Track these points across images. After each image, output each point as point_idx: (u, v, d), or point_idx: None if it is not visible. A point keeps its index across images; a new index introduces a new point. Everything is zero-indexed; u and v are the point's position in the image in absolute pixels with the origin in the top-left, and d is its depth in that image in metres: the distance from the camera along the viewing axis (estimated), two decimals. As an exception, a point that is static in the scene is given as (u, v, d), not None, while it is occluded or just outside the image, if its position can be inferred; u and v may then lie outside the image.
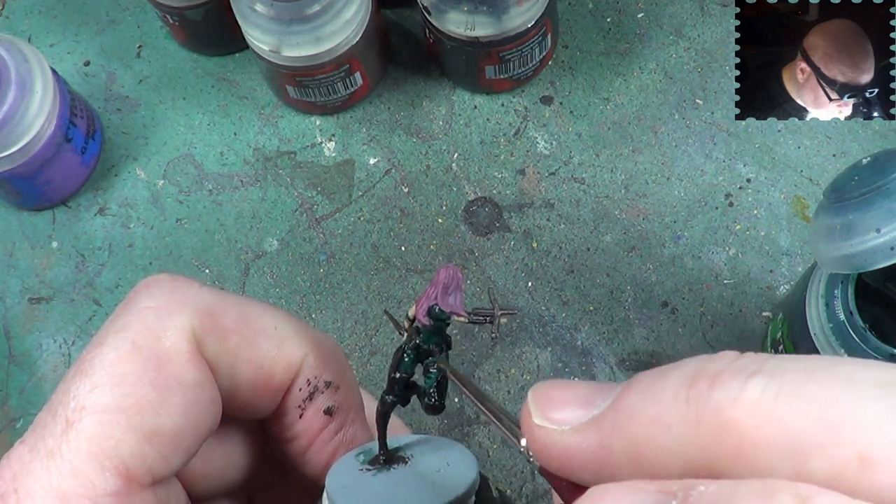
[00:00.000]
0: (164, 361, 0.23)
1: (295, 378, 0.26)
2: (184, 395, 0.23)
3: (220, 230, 0.50)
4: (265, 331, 0.25)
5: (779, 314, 0.40)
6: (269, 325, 0.25)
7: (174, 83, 0.54)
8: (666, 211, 0.48)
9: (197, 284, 0.25)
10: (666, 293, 0.46)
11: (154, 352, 0.23)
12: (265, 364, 0.25)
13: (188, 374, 0.23)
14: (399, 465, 0.25)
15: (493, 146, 0.50)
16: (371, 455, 0.26)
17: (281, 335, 0.25)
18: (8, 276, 0.50)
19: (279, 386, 0.25)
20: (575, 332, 0.46)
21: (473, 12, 0.45)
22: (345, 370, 0.27)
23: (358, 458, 0.25)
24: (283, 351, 0.25)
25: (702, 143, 0.49)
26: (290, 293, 0.48)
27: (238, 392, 0.25)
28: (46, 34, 0.56)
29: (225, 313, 0.24)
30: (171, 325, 0.23)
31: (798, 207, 0.47)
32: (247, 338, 0.24)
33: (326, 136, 0.52)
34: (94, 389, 0.23)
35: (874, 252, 0.30)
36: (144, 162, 0.52)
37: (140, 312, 0.24)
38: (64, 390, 0.23)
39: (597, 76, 0.51)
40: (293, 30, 0.45)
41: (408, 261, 0.48)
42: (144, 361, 0.23)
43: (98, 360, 0.23)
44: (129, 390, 0.23)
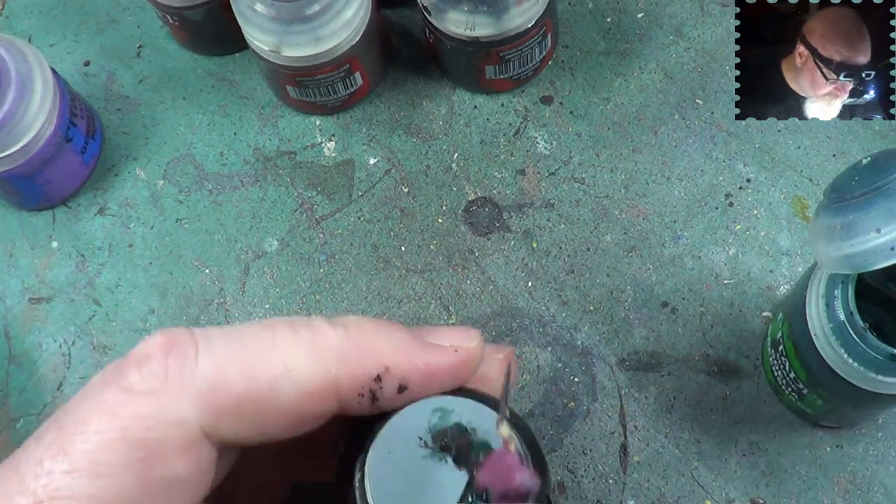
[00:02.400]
0: (153, 454, 0.21)
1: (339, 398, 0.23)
2: (169, 491, 0.21)
3: (220, 230, 0.50)
4: (280, 378, 0.22)
5: (779, 314, 0.40)
6: (279, 365, 0.22)
7: (174, 83, 0.54)
8: (666, 211, 0.48)
9: (194, 353, 0.22)
10: (666, 293, 0.46)
11: (143, 443, 0.21)
12: (293, 413, 0.22)
13: (178, 468, 0.21)
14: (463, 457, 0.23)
15: (493, 146, 0.50)
16: (444, 423, 0.23)
17: (298, 373, 0.22)
18: (8, 276, 0.50)
19: (320, 417, 0.23)
20: (575, 332, 0.46)
21: (473, 12, 0.45)
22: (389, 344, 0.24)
23: (430, 420, 0.23)
24: (308, 390, 0.22)
25: (702, 143, 0.49)
26: (290, 293, 0.48)
27: (276, 436, 0.23)
28: (46, 34, 0.56)
29: (231, 383, 0.22)
30: (164, 416, 0.21)
31: (798, 207, 0.47)
32: (263, 397, 0.22)
33: (326, 136, 0.52)
34: (72, 473, 0.20)
35: (874, 252, 0.30)
36: (144, 162, 0.52)
37: (131, 397, 0.21)
38: (37, 459, 0.21)
39: (597, 76, 0.51)
40: (293, 30, 0.45)
41: (408, 261, 0.48)
42: (131, 452, 0.21)
43: (80, 439, 0.21)
44: (109, 482, 0.21)
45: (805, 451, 0.42)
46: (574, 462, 0.43)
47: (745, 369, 0.44)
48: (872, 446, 0.42)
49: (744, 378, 0.44)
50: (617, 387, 0.44)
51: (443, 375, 0.24)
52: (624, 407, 0.44)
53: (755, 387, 0.44)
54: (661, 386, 0.44)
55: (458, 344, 0.24)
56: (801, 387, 0.39)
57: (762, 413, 0.43)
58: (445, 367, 0.24)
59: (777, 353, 0.40)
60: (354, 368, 0.23)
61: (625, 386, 0.44)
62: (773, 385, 0.43)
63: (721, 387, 0.44)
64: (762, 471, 0.42)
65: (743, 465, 0.42)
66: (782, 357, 0.40)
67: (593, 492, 0.43)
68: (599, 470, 0.43)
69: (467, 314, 0.47)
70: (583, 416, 0.44)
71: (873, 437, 0.42)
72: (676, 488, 0.42)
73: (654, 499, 0.42)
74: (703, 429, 0.43)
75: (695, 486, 0.42)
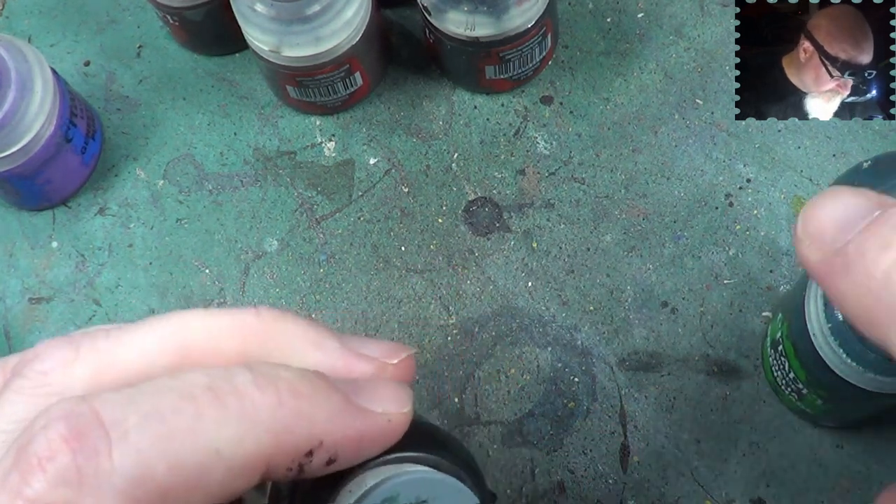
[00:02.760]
0: None
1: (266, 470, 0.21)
2: None
3: (220, 230, 0.50)
4: (208, 463, 0.19)
5: (778, 314, 0.40)
6: (208, 448, 0.19)
7: (174, 83, 0.54)
8: (666, 211, 0.48)
9: (106, 447, 0.19)
10: (666, 293, 0.46)
11: None
12: (221, 492, 0.20)
13: None
14: None
15: (493, 146, 0.50)
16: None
17: (227, 454, 0.20)
18: (8, 276, 0.50)
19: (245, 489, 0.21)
20: (575, 332, 0.46)
21: (473, 12, 0.45)
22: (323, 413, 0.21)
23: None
24: (237, 470, 0.20)
25: (702, 143, 0.49)
26: (290, 293, 0.48)
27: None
28: (46, 34, 0.56)
29: (154, 476, 0.19)
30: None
31: (798, 207, 0.47)
32: (190, 485, 0.19)
33: (326, 136, 0.52)
34: None
35: None
36: (144, 162, 0.52)
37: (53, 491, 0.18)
38: None
39: (597, 76, 0.51)
40: (293, 30, 0.45)
41: (408, 261, 0.48)
42: None
43: None
44: None
45: (805, 451, 0.42)
46: (574, 462, 0.43)
47: (745, 369, 0.44)
48: (872, 446, 0.42)
49: (744, 378, 0.44)
50: (617, 387, 0.44)
51: (371, 445, 0.22)
52: (624, 407, 0.44)
53: (755, 387, 0.44)
54: (661, 386, 0.44)
55: (392, 410, 0.22)
56: (801, 387, 0.39)
57: (762, 413, 0.43)
58: (376, 436, 0.22)
59: (777, 354, 0.40)
60: (286, 442, 0.20)
61: (625, 386, 0.44)
62: (772, 385, 0.43)
63: (721, 387, 0.44)
64: (762, 471, 0.42)
65: (743, 465, 0.42)
66: (782, 357, 0.40)
67: (593, 492, 0.43)
68: (599, 470, 0.43)
69: (467, 314, 0.47)
70: (583, 416, 0.44)
71: (873, 437, 0.42)
72: (676, 488, 0.42)
73: (654, 499, 0.42)
74: (703, 429, 0.43)
75: (695, 486, 0.42)
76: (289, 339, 0.23)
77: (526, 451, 0.44)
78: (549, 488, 0.43)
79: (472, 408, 0.45)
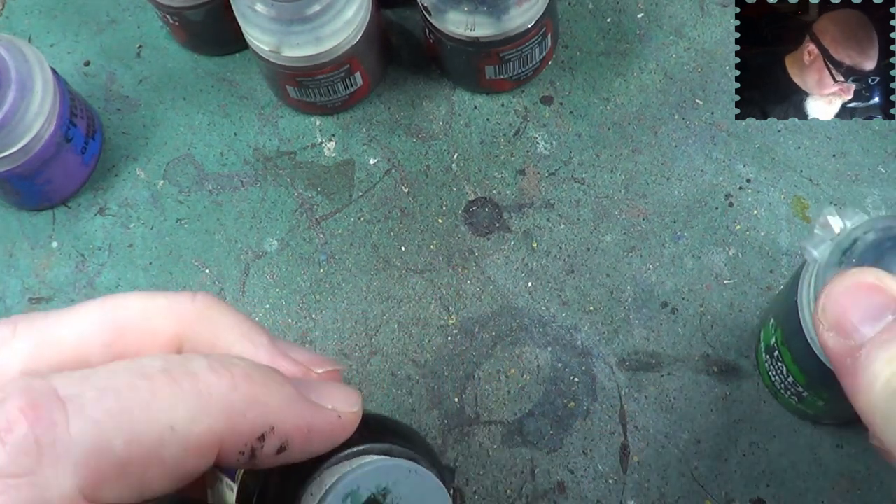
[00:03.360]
0: None
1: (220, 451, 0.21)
2: None
3: (220, 230, 0.50)
4: (163, 438, 0.20)
5: (769, 320, 0.40)
6: (162, 423, 0.20)
7: (174, 83, 0.54)
8: (666, 211, 0.48)
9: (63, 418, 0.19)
10: (666, 293, 0.46)
11: None
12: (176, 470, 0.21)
13: None
14: None
15: (493, 146, 0.50)
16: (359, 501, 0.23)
17: (182, 431, 0.20)
18: (8, 276, 0.50)
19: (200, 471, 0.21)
20: (575, 332, 0.46)
21: (473, 12, 0.45)
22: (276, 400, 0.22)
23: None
24: (192, 448, 0.20)
25: (702, 143, 0.49)
26: (290, 293, 0.48)
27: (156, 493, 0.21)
28: (46, 34, 0.56)
29: (111, 447, 0.19)
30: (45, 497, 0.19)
31: (798, 207, 0.47)
32: (146, 459, 0.20)
33: (326, 136, 0.52)
34: None
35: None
36: (144, 162, 0.52)
37: (5, 485, 0.19)
38: None
39: (597, 76, 0.51)
40: (293, 30, 0.45)
41: (408, 261, 0.48)
42: None
43: None
44: None
45: (805, 451, 0.42)
46: (574, 462, 0.43)
47: (745, 369, 0.44)
48: (872, 446, 0.42)
49: (744, 378, 0.44)
50: (617, 387, 0.44)
51: (321, 439, 0.23)
52: (624, 407, 0.44)
53: (755, 387, 0.44)
54: (661, 386, 0.44)
55: (341, 408, 0.23)
56: (801, 390, 0.39)
57: (762, 413, 0.43)
58: (326, 430, 0.23)
59: (773, 359, 0.40)
60: (239, 424, 0.21)
61: (625, 386, 0.44)
62: (771, 389, 0.43)
63: (721, 387, 0.44)
64: (762, 471, 0.42)
65: (743, 465, 0.42)
66: (779, 362, 0.40)
67: (593, 492, 0.43)
68: (599, 470, 0.43)
69: (467, 314, 0.47)
70: (583, 416, 0.44)
71: (873, 437, 0.42)
72: (676, 488, 0.42)
73: (654, 499, 0.42)
74: (703, 429, 0.43)
75: (695, 486, 0.42)
76: (221, 328, 0.24)
77: (526, 451, 0.44)
78: (549, 488, 0.43)
79: (472, 408, 0.45)
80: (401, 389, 0.45)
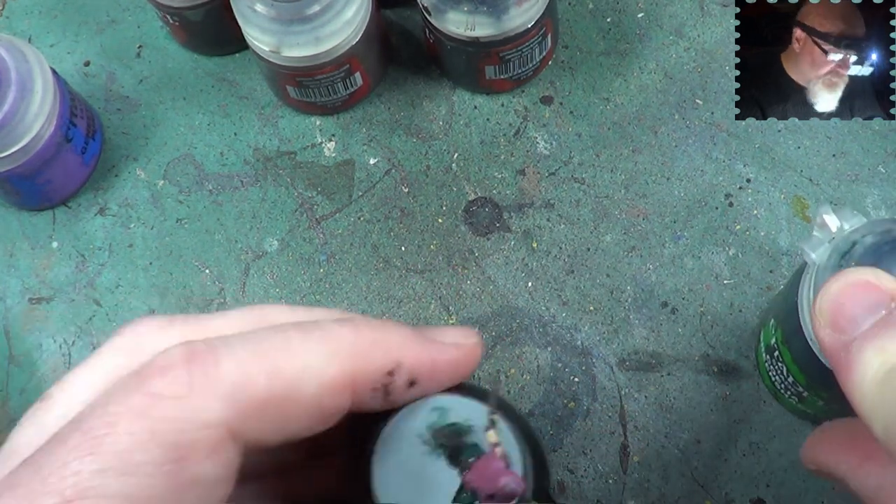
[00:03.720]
0: (184, 456, 0.21)
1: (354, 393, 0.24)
2: (198, 492, 0.21)
3: (220, 230, 0.50)
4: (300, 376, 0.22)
5: (770, 320, 0.40)
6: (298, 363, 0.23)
7: (174, 83, 0.54)
8: (666, 211, 0.48)
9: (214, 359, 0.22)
10: (666, 293, 0.46)
11: (175, 443, 0.21)
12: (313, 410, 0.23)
13: (207, 469, 0.22)
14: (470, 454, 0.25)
15: (493, 146, 0.50)
16: (443, 421, 0.25)
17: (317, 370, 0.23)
18: (8, 276, 0.50)
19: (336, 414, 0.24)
20: (575, 332, 0.46)
21: (473, 12, 0.45)
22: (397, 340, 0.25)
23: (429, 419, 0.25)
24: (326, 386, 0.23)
25: (702, 143, 0.49)
26: (290, 293, 0.48)
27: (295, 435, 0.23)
28: (46, 34, 0.56)
29: (255, 384, 0.22)
30: (194, 418, 0.21)
31: (798, 207, 0.47)
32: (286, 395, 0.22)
33: (326, 136, 0.52)
34: (102, 472, 0.20)
35: None
36: (144, 162, 0.52)
37: (160, 401, 0.21)
38: (61, 461, 0.21)
39: (597, 76, 0.51)
40: (293, 30, 0.45)
41: (408, 261, 0.48)
42: (163, 453, 0.21)
43: (110, 440, 0.21)
44: (142, 481, 0.21)
45: (805, 451, 0.42)
46: (574, 462, 0.43)
47: (745, 369, 0.44)
48: (872, 446, 0.42)
49: (744, 378, 0.44)
50: (617, 387, 0.44)
51: (447, 370, 0.25)
52: (624, 407, 0.44)
53: (755, 387, 0.44)
54: (661, 386, 0.44)
55: (459, 342, 0.25)
56: (801, 390, 0.39)
57: (762, 413, 0.43)
58: (450, 362, 0.25)
59: (773, 359, 0.40)
60: (368, 364, 0.23)
61: (625, 386, 0.44)
62: (771, 389, 0.43)
63: (721, 387, 0.44)
64: (762, 471, 0.42)
65: (743, 465, 0.42)
66: (779, 362, 0.40)
67: (593, 492, 0.43)
68: (599, 470, 0.43)
69: (467, 314, 0.47)
70: (583, 416, 0.44)
71: (873, 437, 0.42)
72: (676, 488, 0.42)
73: (654, 499, 0.42)
74: (703, 429, 0.43)
75: (695, 486, 0.42)
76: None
77: (526, 451, 0.43)
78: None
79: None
80: (401, 389, 0.45)
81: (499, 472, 0.25)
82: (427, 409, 0.25)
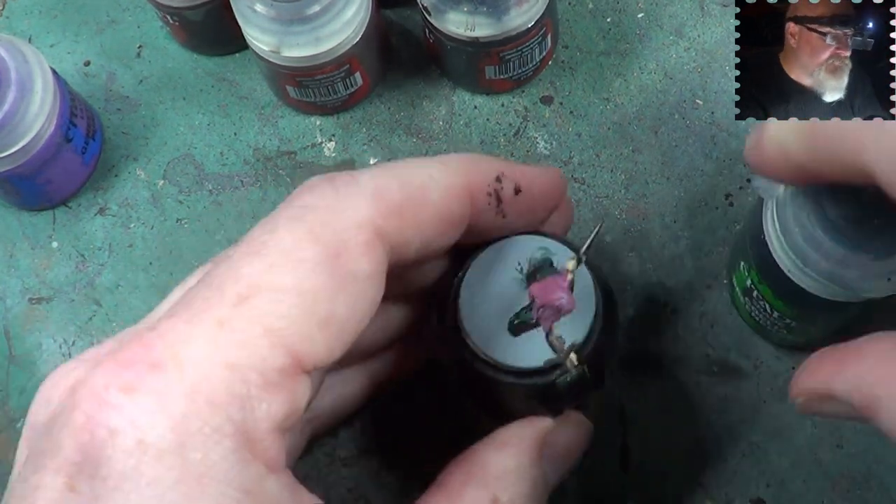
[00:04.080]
0: (342, 251, 0.24)
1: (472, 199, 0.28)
2: (356, 286, 0.24)
3: (220, 230, 0.50)
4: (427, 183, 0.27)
5: (739, 264, 0.41)
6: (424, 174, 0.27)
7: (174, 83, 0.54)
8: (666, 211, 0.48)
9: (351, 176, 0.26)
10: (666, 293, 0.46)
11: (332, 241, 0.24)
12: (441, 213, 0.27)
13: (363, 266, 0.24)
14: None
15: (493, 146, 0.50)
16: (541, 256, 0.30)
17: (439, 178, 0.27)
18: (8, 276, 0.50)
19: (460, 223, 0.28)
20: (575, 332, 0.46)
21: (473, 13, 0.45)
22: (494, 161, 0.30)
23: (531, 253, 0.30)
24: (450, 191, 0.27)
25: (702, 143, 0.49)
26: (290, 293, 0.48)
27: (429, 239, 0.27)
28: (46, 34, 0.56)
29: (391, 189, 0.26)
30: (346, 217, 0.24)
31: (798, 207, 0.47)
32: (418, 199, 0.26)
33: (326, 137, 0.52)
34: (270, 269, 0.23)
35: None
36: (144, 162, 0.52)
37: (311, 209, 0.25)
38: (228, 269, 0.23)
39: (597, 76, 0.51)
40: (293, 30, 0.45)
41: (408, 261, 0.48)
42: (323, 249, 0.23)
43: (273, 243, 0.24)
44: (307, 275, 0.23)
45: (805, 451, 0.42)
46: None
47: (745, 369, 0.44)
48: (872, 446, 0.42)
49: (744, 378, 0.44)
50: (617, 387, 0.44)
51: (543, 182, 0.31)
52: (624, 407, 0.44)
53: (755, 387, 0.44)
54: (661, 386, 0.44)
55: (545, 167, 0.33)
56: (789, 321, 0.40)
57: (762, 413, 0.43)
58: (544, 178, 0.31)
59: (752, 300, 0.41)
60: (478, 172, 0.29)
61: (625, 386, 0.44)
62: (756, 328, 0.43)
63: (721, 387, 0.44)
64: (762, 471, 0.42)
65: (743, 465, 0.42)
66: (760, 301, 0.40)
67: (593, 492, 0.43)
68: (599, 470, 0.43)
69: (467, 314, 0.47)
70: (583, 416, 0.44)
71: (873, 436, 0.42)
72: (676, 488, 0.42)
73: (654, 499, 0.42)
74: (703, 429, 0.43)
75: (695, 486, 0.42)
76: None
77: (526, 451, 0.43)
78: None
79: (472, 408, 0.45)
80: (401, 389, 0.45)
81: (558, 288, 0.28)
82: (533, 246, 0.30)
